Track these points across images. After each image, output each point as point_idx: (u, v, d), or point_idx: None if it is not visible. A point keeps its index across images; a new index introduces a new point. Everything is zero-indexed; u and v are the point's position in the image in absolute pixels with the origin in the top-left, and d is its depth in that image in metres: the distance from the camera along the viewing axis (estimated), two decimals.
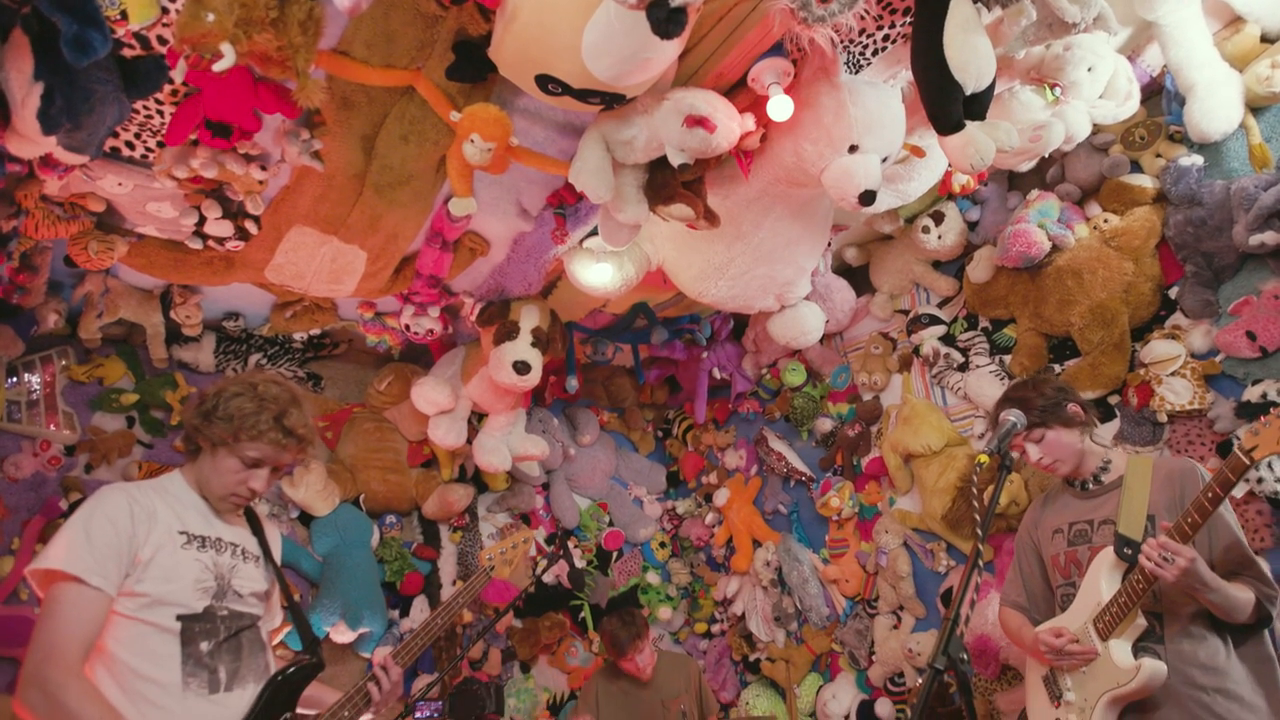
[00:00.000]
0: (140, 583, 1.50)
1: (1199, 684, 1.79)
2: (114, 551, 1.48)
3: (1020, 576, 2.25)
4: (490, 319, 3.17)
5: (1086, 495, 2.12)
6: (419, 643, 1.84)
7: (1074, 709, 1.92)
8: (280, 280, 2.84)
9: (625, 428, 4.69)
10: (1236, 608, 1.78)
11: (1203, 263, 2.56)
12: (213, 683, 1.54)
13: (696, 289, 2.92)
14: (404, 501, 3.75)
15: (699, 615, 4.35)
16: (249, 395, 1.65)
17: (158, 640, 1.50)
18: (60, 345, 3.16)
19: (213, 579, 1.59)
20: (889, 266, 3.49)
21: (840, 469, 3.66)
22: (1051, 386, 2.14)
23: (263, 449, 1.65)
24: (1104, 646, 1.88)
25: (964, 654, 1.29)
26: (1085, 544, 2.04)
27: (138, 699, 1.46)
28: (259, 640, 1.67)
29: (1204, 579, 1.74)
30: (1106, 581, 1.91)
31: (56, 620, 1.42)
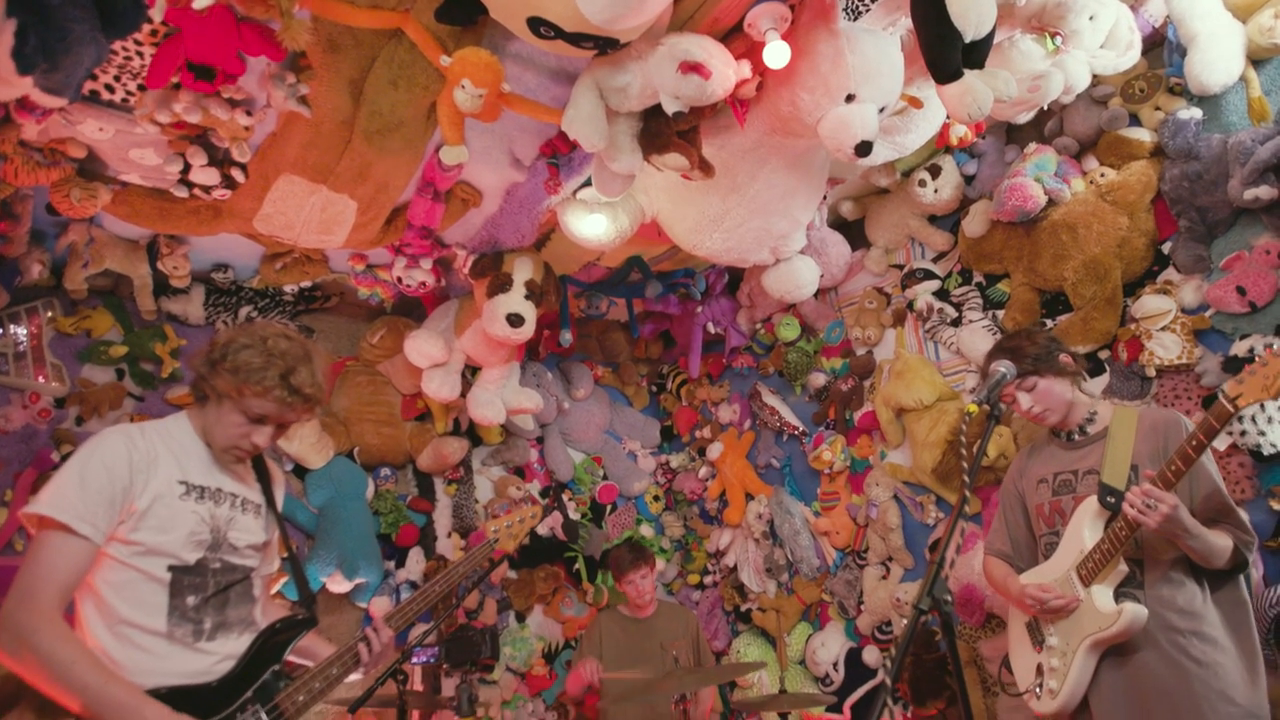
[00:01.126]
0: (135, 531, 1.50)
1: (1176, 627, 1.84)
2: (106, 499, 1.47)
3: (1005, 526, 2.29)
4: (483, 271, 3.14)
5: (1072, 446, 2.15)
6: (414, 608, 1.86)
7: (1056, 653, 1.98)
8: (269, 231, 2.81)
9: (619, 382, 4.70)
10: (1215, 553, 1.83)
11: (1197, 218, 2.55)
12: (197, 633, 1.54)
13: (691, 241, 2.90)
14: (398, 454, 3.76)
15: (692, 567, 4.42)
16: (258, 349, 1.61)
17: (147, 589, 1.50)
18: (46, 297, 3.12)
19: (208, 531, 1.59)
20: (884, 221, 3.47)
21: (832, 423, 3.69)
22: (1044, 336, 2.17)
23: (266, 405, 1.62)
24: (1086, 592, 1.92)
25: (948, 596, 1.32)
26: (1069, 493, 2.08)
27: (123, 640, 1.47)
28: (248, 593, 1.67)
29: (1185, 525, 1.78)
30: (1089, 529, 1.95)
31: (37, 566, 1.42)
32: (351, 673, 1.71)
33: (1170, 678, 1.81)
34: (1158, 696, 1.82)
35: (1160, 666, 1.83)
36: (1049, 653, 2.00)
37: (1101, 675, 1.91)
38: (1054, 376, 2.12)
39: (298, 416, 1.69)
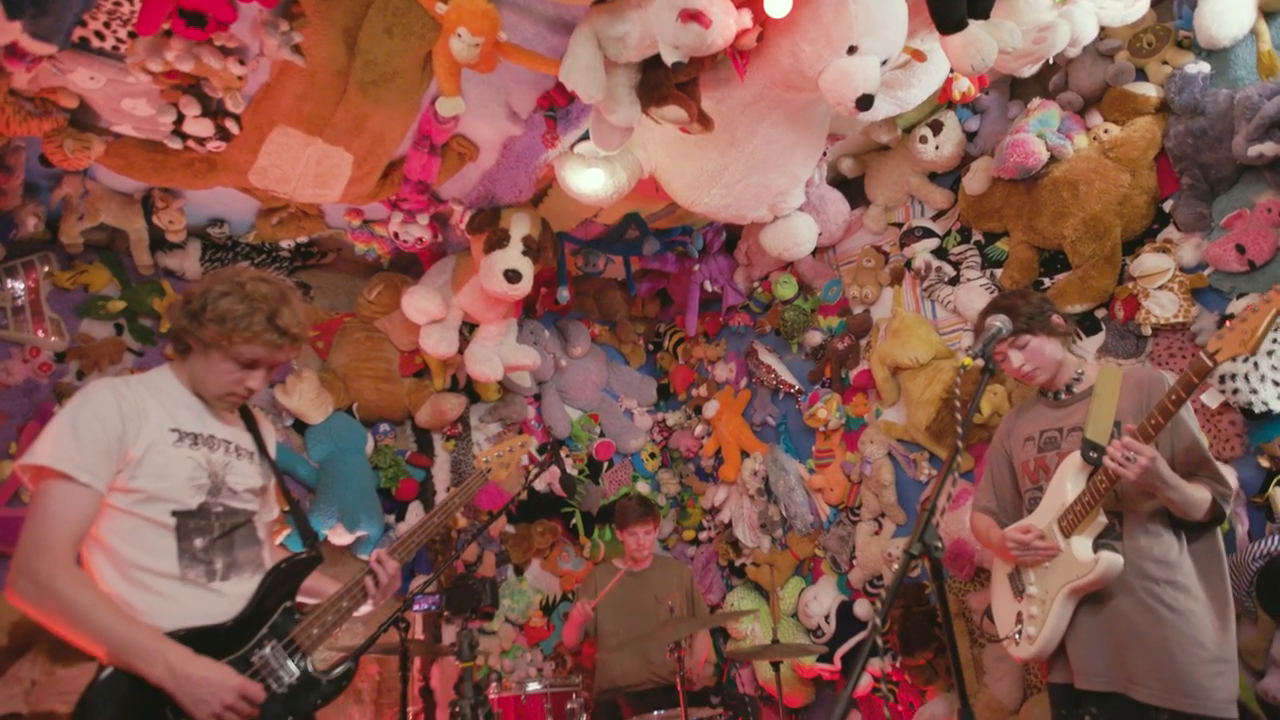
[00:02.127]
0: (134, 479, 1.51)
1: (1152, 576, 1.89)
2: (102, 448, 1.48)
3: (991, 483, 2.34)
4: (480, 226, 3.13)
5: (1058, 405, 2.18)
6: (415, 539, 1.89)
7: (1035, 601, 2.03)
8: (264, 184, 2.79)
9: (616, 340, 4.71)
10: (1193, 505, 1.87)
11: (1199, 175, 2.54)
12: (209, 573, 1.57)
13: (689, 198, 2.88)
14: (397, 410, 3.79)
15: (687, 523, 4.48)
16: (238, 295, 1.61)
17: (153, 535, 1.52)
18: (42, 251, 3.11)
19: (206, 476, 1.60)
20: (884, 178, 3.45)
21: (828, 381, 3.71)
22: (1037, 297, 2.19)
23: (257, 350, 1.63)
24: (1066, 543, 1.97)
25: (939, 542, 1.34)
26: (1054, 450, 2.11)
27: (139, 586, 1.49)
28: (254, 535, 1.69)
29: (1164, 477, 1.82)
30: (1072, 483, 1.99)
31: (45, 515, 1.44)
32: (361, 605, 1.74)
33: (1143, 623, 1.87)
34: (1131, 640, 1.88)
35: (1134, 612, 1.89)
36: (1028, 601, 2.06)
37: (1078, 621, 1.97)
38: (1046, 336, 2.14)
39: (287, 356, 1.70)
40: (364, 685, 3.50)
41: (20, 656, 2.58)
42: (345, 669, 1.65)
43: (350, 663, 1.67)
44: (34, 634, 2.63)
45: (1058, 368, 2.16)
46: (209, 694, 1.40)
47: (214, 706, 1.40)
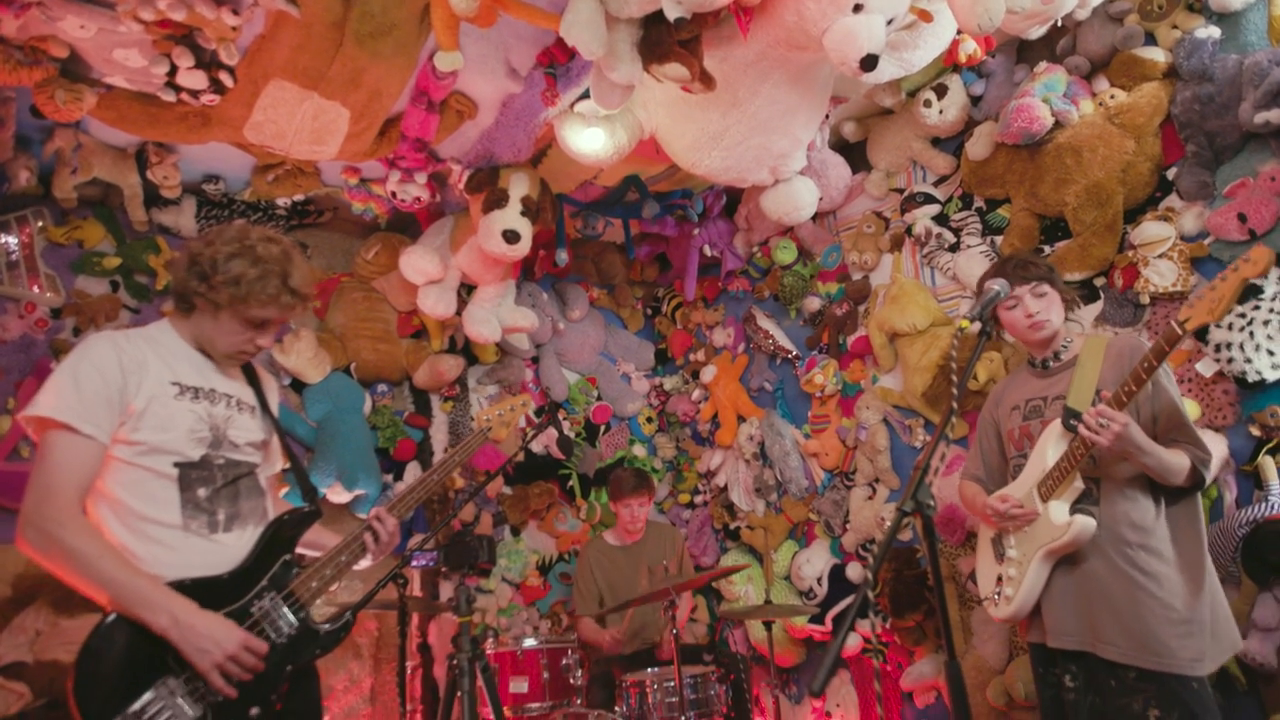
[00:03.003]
0: (136, 431, 1.52)
1: (1127, 540, 1.92)
2: (103, 399, 1.49)
3: (980, 452, 2.37)
4: (478, 186, 3.10)
5: (1045, 374, 2.21)
6: (414, 497, 1.90)
7: (1013, 563, 2.08)
8: (260, 140, 2.75)
9: (615, 304, 4.70)
10: (1171, 470, 1.89)
11: (1204, 142, 2.51)
12: (212, 524, 1.58)
13: (690, 159, 2.86)
14: (395, 371, 3.79)
15: (683, 487, 4.52)
16: (248, 258, 1.61)
17: (156, 485, 1.54)
18: (35, 205, 3.08)
19: (207, 429, 1.61)
20: (887, 143, 3.41)
21: (826, 347, 3.72)
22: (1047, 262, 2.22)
23: (269, 311, 1.65)
24: (1044, 507, 2.00)
25: (930, 500, 1.36)
26: (1038, 418, 2.14)
27: (143, 537, 1.51)
28: (257, 487, 1.70)
29: (1137, 443, 1.85)
30: (1053, 450, 2.02)
31: (50, 465, 1.45)
32: (359, 560, 1.76)
33: (1115, 585, 1.91)
34: (1102, 601, 1.92)
35: (1107, 574, 1.92)
36: (1008, 563, 2.10)
37: (1054, 583, 2.02)
38: (1059, 294, 2.17)
39: (295, 315, 1.72)
40: (362, 641, 3.56)
41: (25, 607, 2.62)
42: (344, 621, 1.67)
43: (349, 615, 1.69)
44: (38, 585, 2.67)
45: (1055, 334, 2.18)
46: (212, 645, 1.43)
47: (216, 657, 1.43)
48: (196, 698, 1.45)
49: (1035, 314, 2.13)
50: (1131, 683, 1.85)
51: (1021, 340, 2.26)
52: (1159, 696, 1.81)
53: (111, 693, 1.38)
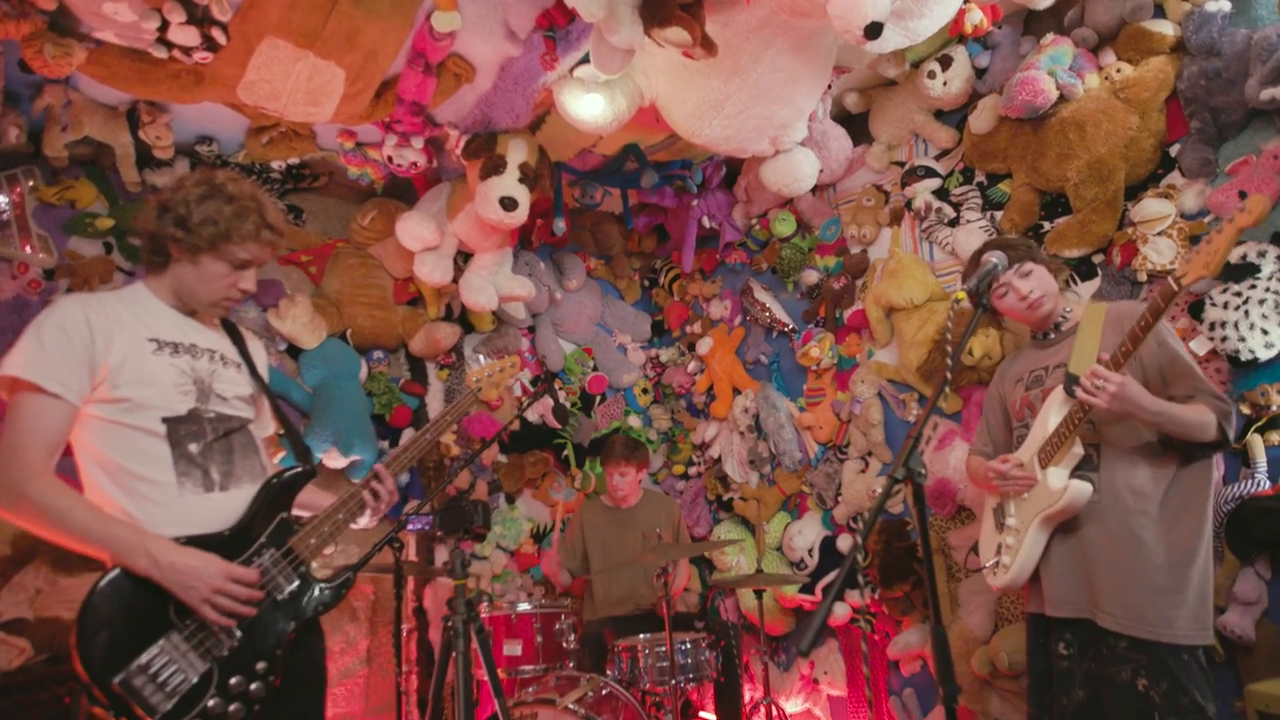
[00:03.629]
0: (117, 388, 1.50)
1: (1126, 507, 1.91)
2: (69, 359, 1.46)
3: (987, 428, 2.37)
4: (476, 152, 3.07)
5: (1046, 344, 2.20)
6: (409, 455, 1.91)
7: (1012, 531, 2.09)
8: (254, 101, 2.71)
9: (612, 275, 4.69)
10: (1191, 425, 1.83)
11: (1209, 119, 2.50)
12: (206, 482, 1.57)
13: (690, 128, 2.83)
14: (391, 338, 3.78)
15: (677, 458, 4.54)
16: (220, 197, 1.59)
17: (147, 443, 1.52)
18: (25, 165, 3.05)
19: (191, 383, 1.59)
20: (889, 115, 3.38)
21: (822, 321, 3.72)
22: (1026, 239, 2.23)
23: (252, 249, 1.63)
24: (1042, 474, 2.00)
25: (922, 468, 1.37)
26: (1039, 388, 2.13)
27: (137, 497, 1.50)
28: (251, 443, 1.69)
29: (1139, 401, 1.81)
30: (1055, 417, 2.00)
31: (16, 425, 1.44)
32: (358, 518, 1.77)
33: (1112, 552, 1.89)
34: (1099, 568, 1.91)
35: (1104, 541, 1.91)
36: (1007, 532, 2.11)
37: (1052, 551, 2.01)
38: (1045, 266, 2.16)
39: (274, 254, 1.72)
40: (359, 604, 3.59)
41: (24, 566, 2.64)
42: (345, 578, 1.68)
43: (350, 572, 1.70)
44: (36, 544, 2.68)
45: (1055, 301, 2.17)
46: (195, 579, 1.42)
47: (203, 591, 1.42)
48: (202, 652, 1.45)
49: (1028, 293, 2.12)
50: (1122, 652, 1.84)
51: (1023, 321, 2.25)
52: (1149, 666, 1.80)
53: (115, 648, 1.38)
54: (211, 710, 1.43)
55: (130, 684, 1.37)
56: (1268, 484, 2.28)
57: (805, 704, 3.70)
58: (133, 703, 1.36)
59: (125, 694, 1.36)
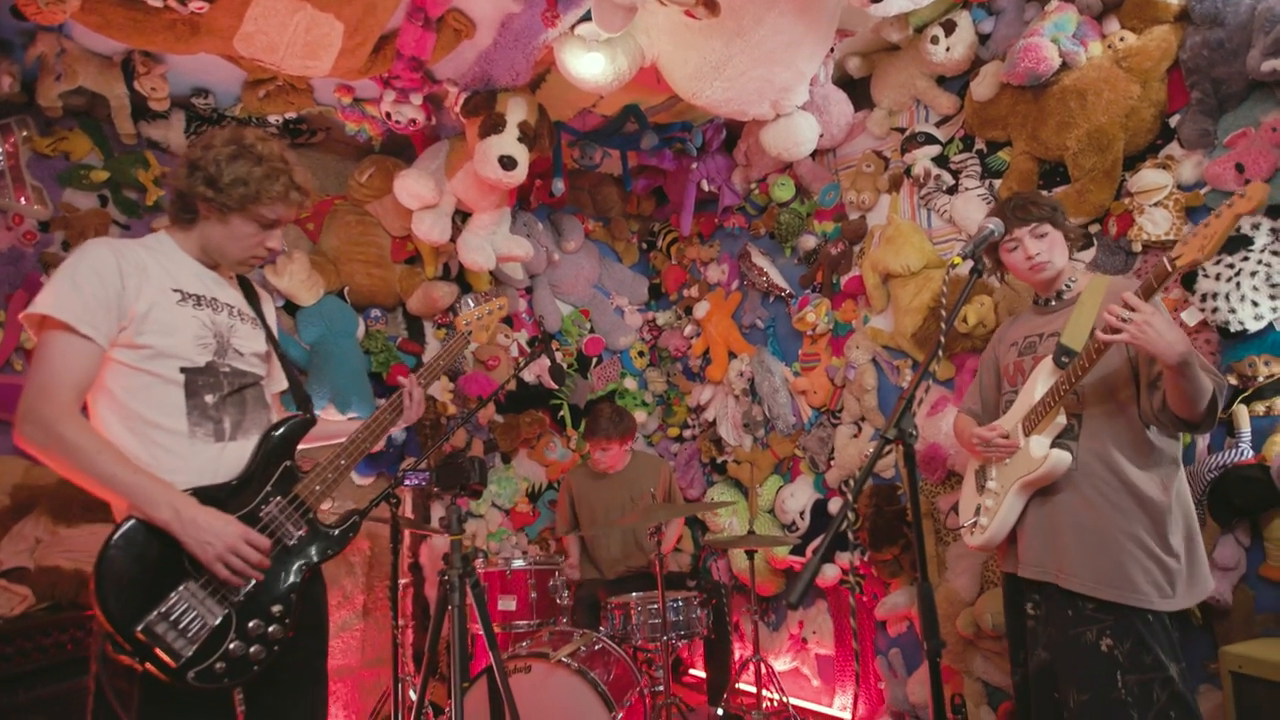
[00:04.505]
0: (140, 335, 1.52)
1: (1101, 475, 1.94)
2: (101, 302, 1.48)
3: (979, 388, 2.39)
4: (475, 110, 3.04)
5: (1046, 311, 2.19)
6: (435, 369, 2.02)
7: (992, 494, 2.13)
8: (250, 53, 2.68)
9: (610, 237, 4.68)
10: (1200, 387, 1.76)
11: (1210, 90, 2.49)
12: (218, 432, 1.60)
13: (690, 89, 2.81)
14: (388, 296, 3.78)
15: (672, 420, 4.59)
16: (249, 157, 1.61)
17: (163, 390, 1.54)
18: (19, 114, 3.01)
19: (212, 336, 1.61)
20: (891, 80, 3.36)
21: (819, 286, 3.73)
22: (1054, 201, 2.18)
23: (280, 210, 1.66)
24: (1025, 441, 2.03)
25: (913, 429, 1.39)
26: (1032, 354, 2.14)
27: (147, 442, 1.52)
28: (262, 400, 1.72)
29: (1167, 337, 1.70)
30: (1041, 385, 2.02)
31: (48, 364, 1.46)
32: (393, 426, 1.86)
33: (1085, 517, 1.93)
34: (1070, 532, 1.95)
35: (1079, 507, 1.95)
36: (987, 494, 2.15)
37: (1028, 513, 2.06)
38: (1063, 234, 2.13)
39: (300, 213, 1.74)
40: (355, 559, 3.65)
41: (23, 516, 2.67)
42: (351, 521, 1.72)
43: (357, 516, 1.74)
44: (35, 495, 2.71)
45: (1058, 274, 2.15)
46: (213, 537, 1.46)
47: (218, 549, 1.45)
48: (219, 598, 1.49)
49: (1035, 255, 2.10)
50: (1089, 613, 1.88)
51: (1025, 281, 2.24)
52: (1113, 627, 1.84)
53: (134, 597, 1.41)
54: (233, 653, 1.47)
55: (153, 631, 1.40)
56: (1251, 453, 2.32)
57: (793, 662, 3.80)
58: (157, 648, 1.40)
59: (149, 640, 1.40)
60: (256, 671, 1.50)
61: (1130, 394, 1.95)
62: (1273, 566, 2.27)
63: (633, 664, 2.90)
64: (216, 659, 1.45)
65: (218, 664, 1.45)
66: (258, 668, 1.50)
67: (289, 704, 1.63)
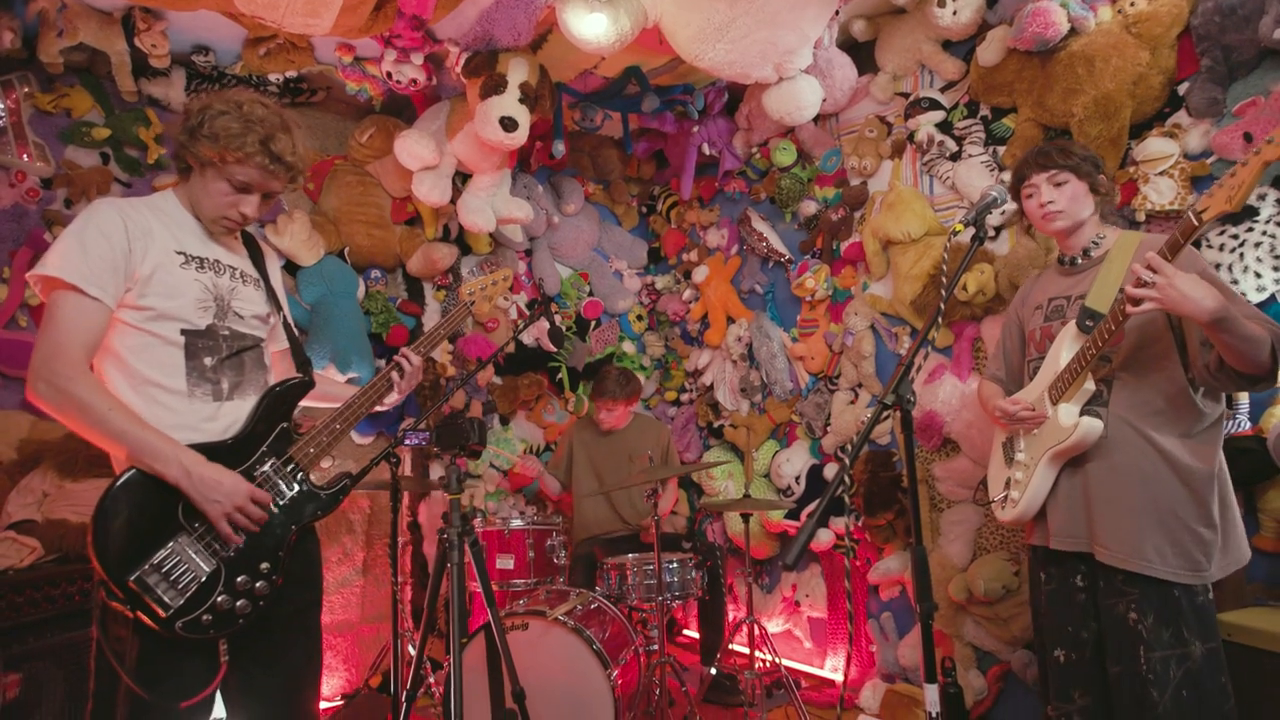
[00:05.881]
0: (143, 297, 1.54)
1: (1134, 444, 1.87)
2: (109, 264, 1.51)
3: (1002, 353, 2.31)
4: (476, 70, 3.02)
5: (1072, 271, 2.10)
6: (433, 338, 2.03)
7: (1021, 466, 2.07)
8: (251, 10, 2.65)
9: (610, 200, 4.66)
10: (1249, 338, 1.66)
11: (1220, 57, 2.46)
12: (216, 392, 1.63)
13: (693, 51, 2.78)
14: (388, 257, 3.79)
15: (670, 385, 4.61)
16: (234, 114, 1.60)
17: (163, 351, 1.57)
18: (20, 70, 3.00)
19: (212, 299, 1.63)
20: (896, 44, 3.31)
21: (819, 252, 3.72)
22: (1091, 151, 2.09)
23: (249, 172, 1.63)
24: (1053, 410, 1.97)
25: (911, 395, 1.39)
26: (1059, 319, 2.06)
27: (148, 399, 1.55)
28: (261, 361, 1.74)
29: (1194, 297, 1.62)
30: (1067, 352, 1.96)
31: (58, 325, 1.49)
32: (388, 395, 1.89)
33: (1114, 486, 1.87)
34: (1100, 503, 1.89)
35: (1108, 476, 1.89)
36: (1016, 467, 2.09)
37: (1059, 485, 1.99)
38: (1087, 186, 2.03)
39: (281, 185, 1.69)
40: (355, 517, 3.71)
41: (30, 470, 2.72)
42: (342, 484, 1.75)
43: (348, 479, 1.76)
44: (41, 449, 2.76)
45: (1078, 228, 2.06)
46: (222, 495, 1.50)
47: (226, 507, 1.50)
48: (210, 553, 1.52)
49: (1047, 203, 2.02)
50: (1119, 585, 1.83)
51: (1043, 233, 2.15)
52: (1139, 600, 1.79)
53: (129, 547, 1.45)
54: (220, 605, 1.52)
55: (144, 581, 1.44)
56: (1248, 424, 2.33)
57: (786, 624, 3.87)
58: (147, 598, 1.44)
59: (140, 590, 1.44)
60: (242, 625, 1.54)
61: (1169, 356, 1.86)
62: (1266, 537, 2.29)
63: (628, 623, 2.96)
64: (204, 611, 1.49)
65: (204, 616, 1.49)
66: (243, 621, 1.54)
67: (279, 655, 1.67)
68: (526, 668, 2.45)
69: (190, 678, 1.52)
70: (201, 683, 1.53)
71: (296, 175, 1.70)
